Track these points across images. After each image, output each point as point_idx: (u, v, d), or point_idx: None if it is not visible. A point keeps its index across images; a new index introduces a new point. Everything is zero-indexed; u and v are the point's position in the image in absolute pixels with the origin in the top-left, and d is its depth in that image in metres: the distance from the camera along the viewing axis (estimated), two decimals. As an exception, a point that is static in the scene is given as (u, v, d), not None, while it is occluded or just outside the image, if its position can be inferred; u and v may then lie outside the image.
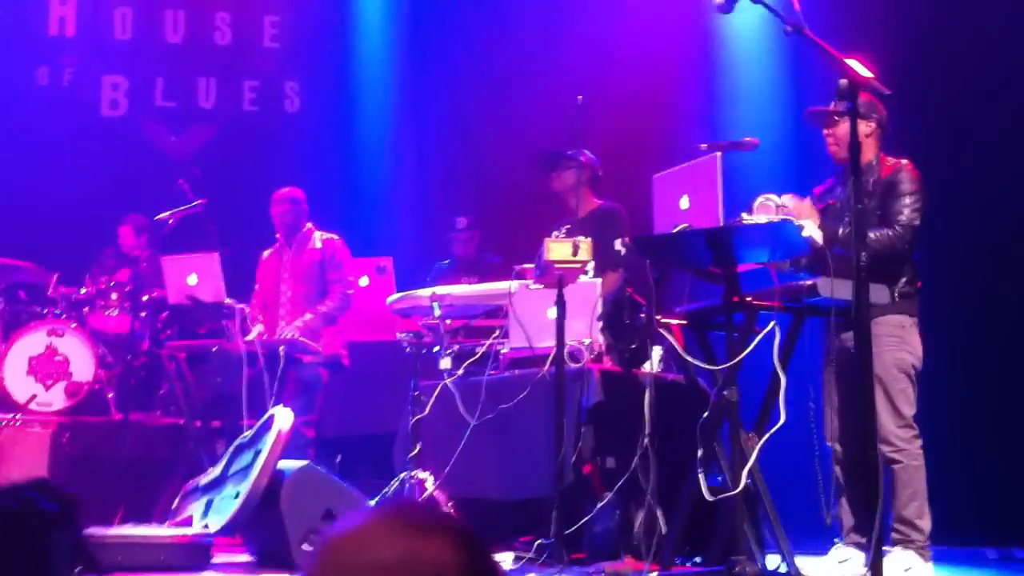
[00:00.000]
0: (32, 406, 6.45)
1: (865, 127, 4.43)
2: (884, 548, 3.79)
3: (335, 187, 8.27)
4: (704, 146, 4.19)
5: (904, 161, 4.59)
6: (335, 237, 6.82)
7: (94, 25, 8.78)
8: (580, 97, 5.08)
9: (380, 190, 8.61)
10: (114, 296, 7.10)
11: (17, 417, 6.04)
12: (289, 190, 6.85)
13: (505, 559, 4.69)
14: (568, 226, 4.93)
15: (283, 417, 5.02)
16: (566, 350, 4.75)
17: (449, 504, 5.12)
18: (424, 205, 8.42)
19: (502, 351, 5.31)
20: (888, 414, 4.37)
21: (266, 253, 6.92)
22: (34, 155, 8.31)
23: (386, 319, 6.64)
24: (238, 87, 8.83)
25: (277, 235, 6.87)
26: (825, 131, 4.62)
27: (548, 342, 4.87)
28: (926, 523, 4.42)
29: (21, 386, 6.58)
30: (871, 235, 4.15)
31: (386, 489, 5.21)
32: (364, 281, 7.16)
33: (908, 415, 4.44)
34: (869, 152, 4.52)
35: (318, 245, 6.76)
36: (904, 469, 4.40)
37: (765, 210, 4.08)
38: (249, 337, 6.17)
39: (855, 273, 3.36)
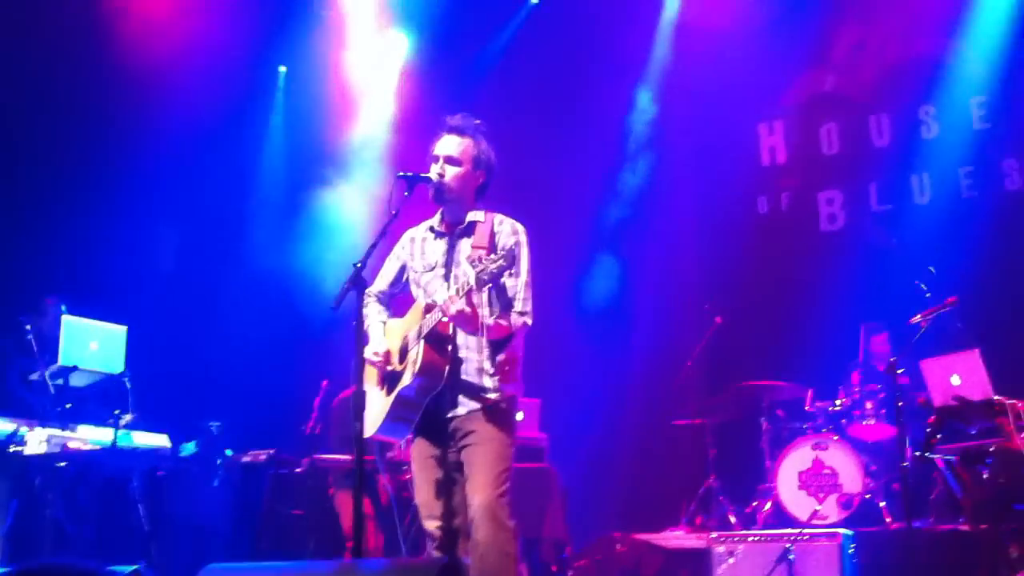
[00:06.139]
0: (813, 521, 6.63)
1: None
2: None
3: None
4: None
5: None
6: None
7: (803, 147, 9.13)
8: None
9: None
10: (868, 405, 7.17)
11: (804, 532, 6.20)
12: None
13: None
14: None
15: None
16: None
17: None
18: None
19: None
20: None
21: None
22: (756, 279, 8.76)
23: None
24: (953, 175, 8.56)
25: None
26: None
27: None
28: None
29: (797, 502, 6.84)
30: None
31: None
32: None
33: None
34: None
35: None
36: None
37: None
38: (1025, 434, 5.80)
39: None
